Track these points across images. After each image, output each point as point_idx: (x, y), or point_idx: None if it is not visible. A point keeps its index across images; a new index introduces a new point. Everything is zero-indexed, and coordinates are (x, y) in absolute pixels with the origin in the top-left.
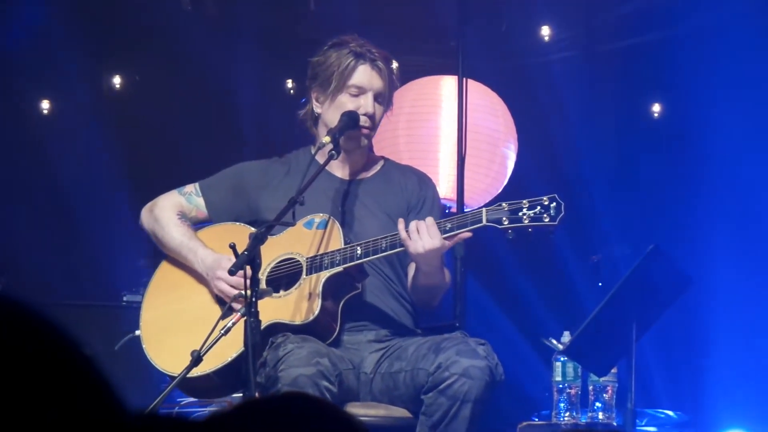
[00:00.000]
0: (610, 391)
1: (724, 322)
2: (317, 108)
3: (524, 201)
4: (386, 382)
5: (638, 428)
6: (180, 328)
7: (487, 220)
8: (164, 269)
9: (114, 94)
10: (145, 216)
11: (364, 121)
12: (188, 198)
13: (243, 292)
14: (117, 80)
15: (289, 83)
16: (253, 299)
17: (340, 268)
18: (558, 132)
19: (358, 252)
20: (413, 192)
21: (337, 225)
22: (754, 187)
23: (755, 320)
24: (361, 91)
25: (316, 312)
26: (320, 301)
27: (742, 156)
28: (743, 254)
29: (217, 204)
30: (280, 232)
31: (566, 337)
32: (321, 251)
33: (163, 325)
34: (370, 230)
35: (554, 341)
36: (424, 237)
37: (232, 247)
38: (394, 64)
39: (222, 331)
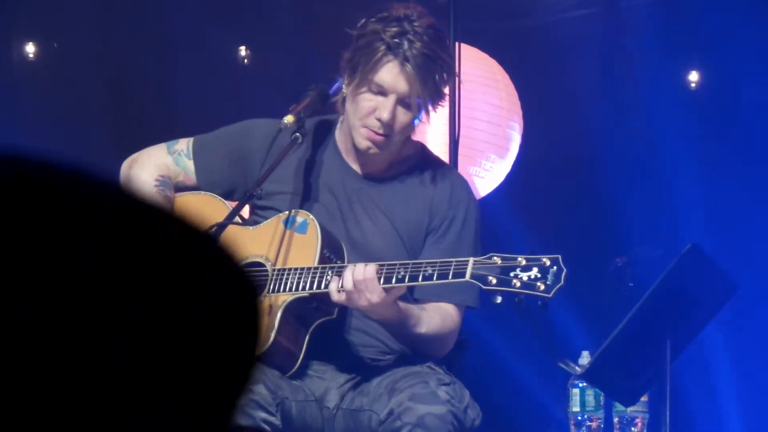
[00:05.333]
0: (639, 425)
1: None
2: (345, 89)
3: (521, 257)
4: (347, 421)
5: None
6: None
7: (472, 276)
8: None
9: (28, 63)
10: (123, 173)
11: (374, 125)
12: (176, 158)
13: None
14: (30, 48)
15: (243, 50)
16: None
17: (305, 293)
18: (572, 108)
19: (329, 277)
20: (439, 208)
21: (318, 232)
22: None
23: None
24: (381, 91)
25: (269, 342)
26: (276, 329)
27: None
28: None
29: (209, 171)
30: (264, 221)
31: (585, 358)
32: (290, 263)
33: None
34: (372, 246)
35: (571, 363)
36: (362, 294)
37: None
38: (445, 61)
39: None
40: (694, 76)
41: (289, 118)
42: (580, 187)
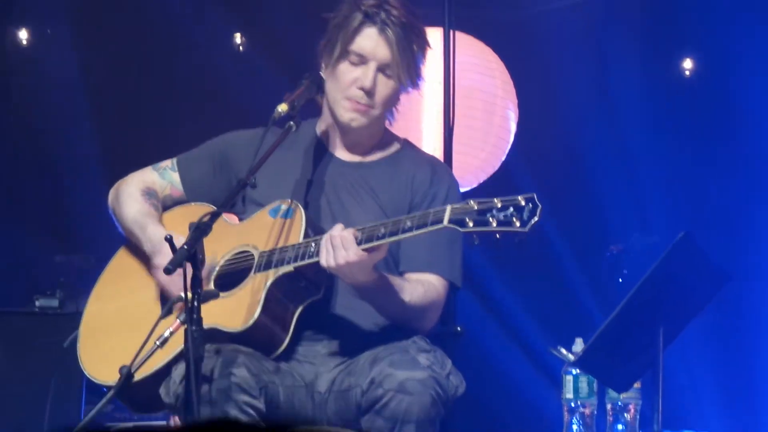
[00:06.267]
0: (632, 411)
1: None
2: (323, 75)
3: (496, 199)
4: (339, 403)
5: None
6: (119, 327)
7: (450, 221)
8: (121, 254)
9: (20, 50)
10: (111, 195)
11: (357, 95)
12: (162, 173)
13: (183, 294)
14: (24, 34)
15: (238, 38)
16: (195, 303)
17: (290, 267)
18: (566, 96)
19: (312, 249)
20: (420, 187)
21: (303, 215)
22: None
23: None
24: (362, 59)
25: (254, 319)
26: (261, 306)
27: None
28: None
29: (195, 180)
30: (249, 216)
31: (579, 345)
32: (279, 245)
33: (104, 322)
34: (357, 224)
35: (564, 351)
36: (338, 251)
37: (169, 240)
38: (422, 31)
39: (157, 343)
40: (688, 64)
41: (282, 107)
42: (573, 175)
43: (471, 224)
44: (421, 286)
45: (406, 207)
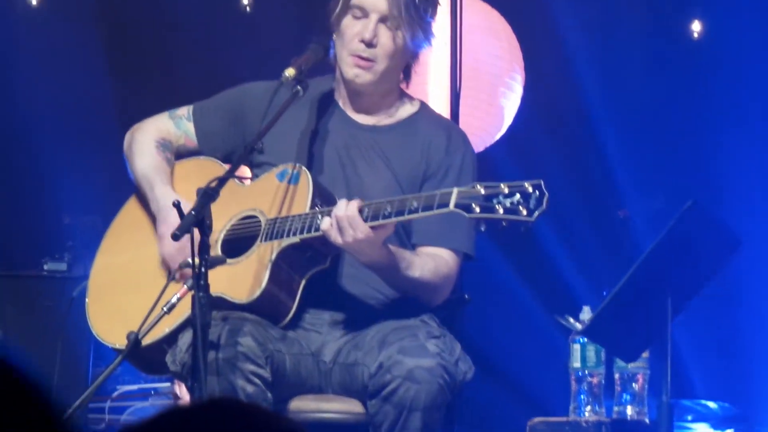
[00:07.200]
0: (640, 380)
1: None
2: (335, 37)
3: (503, 184)
4: (343, 375)
5: (677, 424)
6: (127, 284)
7: (456, 205)
8: (130, 206)
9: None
10: (126, 141)
11: (359, 48)
12: (177, 122)
13: (189, 260)
14: None
15: None
16: (202, 269)
17: (296, 239)
18: (573, 58)
19: (320, 220)
20: (436, 155)
21: (309, 181)
22: None
23: None
24: (363, 12)
25: (260, 290)
26: (267, 277)
27: None
28: None
29: (209, 132)
30: (256, 178)
31: (586, 313)
32: (285, 212)
33: (112, 277)
34: (370, 191)
35: (571, 319)
36: (345, 230)
37: (176, 205)
38: None
39: (164, 309)
40: (696, 26)
41: (290, 71)
42: (582, 137)
43: (477, 210)
44: (432, 261)
45: (420, 175)
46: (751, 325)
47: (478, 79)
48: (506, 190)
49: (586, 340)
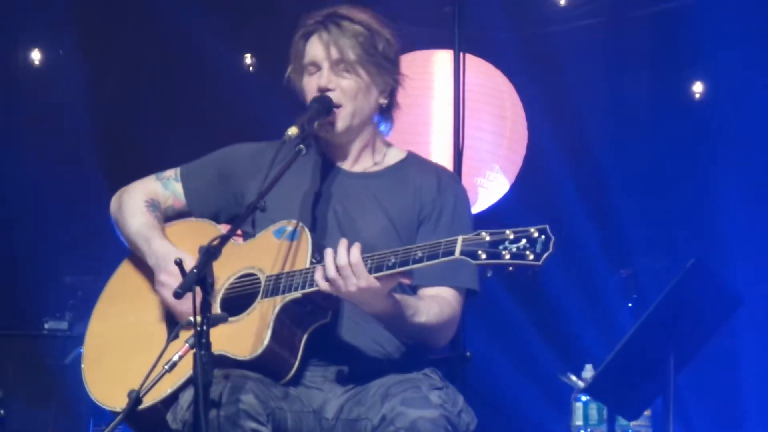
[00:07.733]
0: None
1: None
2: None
3: (508, 231)
4: (346, 431)
5: None
6: (125, 347)
7: (461, 253)
8: (124, 269)
9: (32, 70)
10: (113, 203)
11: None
12: (165, 183)
13: (191, 318)
14: (36, 55)
15: (248, 58)
16: (204, 328)
17: (298, 294)
18: (577, 118)
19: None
20: (428, 196)
21: (308, 237)
22: None
23: None
24: (316, 66)
25: (263, 347)
26: (269, 334)
27: None
28: None
29: (197, 192)
30: (249, 239)
31: (588, 371)
32: (285, 268)
33: (108, 342)
34: (365, 234)
35: (573, 377)
36: (349, 279)
37: (178, 263)
38: (369, 22)
39: (166, 367)
40: (698, 87)
41: (293, 130)
42: (586, 195)
43: (484, 257)
44: (436, 304)
45: (415, 218)
46: (755, 387)
47: (481, 139)
48: (512, 236)
49: (588, 398)
